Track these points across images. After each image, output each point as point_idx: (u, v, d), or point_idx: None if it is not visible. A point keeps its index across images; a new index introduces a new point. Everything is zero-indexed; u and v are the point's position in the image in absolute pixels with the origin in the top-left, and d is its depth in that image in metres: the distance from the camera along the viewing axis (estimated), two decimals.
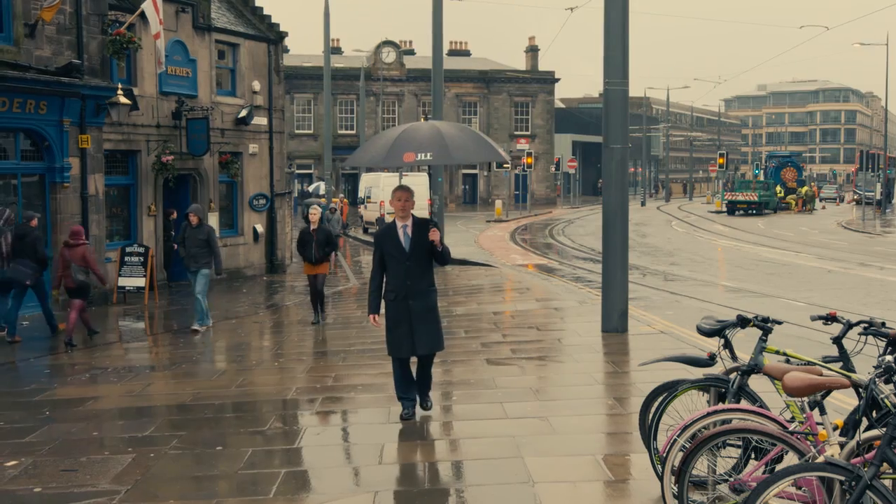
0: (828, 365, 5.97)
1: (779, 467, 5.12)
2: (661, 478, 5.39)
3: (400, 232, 8.09)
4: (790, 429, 5.12)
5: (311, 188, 35.29)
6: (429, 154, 7.85)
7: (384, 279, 8.19)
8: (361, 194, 41.66)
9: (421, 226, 8.11)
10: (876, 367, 4.67)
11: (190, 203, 21.08)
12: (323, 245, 14.63)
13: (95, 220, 16.98)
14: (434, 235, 8.00)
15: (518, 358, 11.37)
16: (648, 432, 6.21)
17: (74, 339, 12.91)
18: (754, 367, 5.83)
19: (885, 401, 4.91)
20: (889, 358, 4.76)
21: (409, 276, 8.02)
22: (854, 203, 65.04)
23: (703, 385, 6.11)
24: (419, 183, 31.09)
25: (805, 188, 62.43)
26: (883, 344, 5.80)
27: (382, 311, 8.19)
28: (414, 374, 8.40)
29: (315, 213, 14.78)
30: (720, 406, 5.62)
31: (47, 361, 12.38)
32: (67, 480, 6.87)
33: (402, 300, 8.02)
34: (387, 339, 8.24)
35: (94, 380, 10.93)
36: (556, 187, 70.80)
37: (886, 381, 4.65)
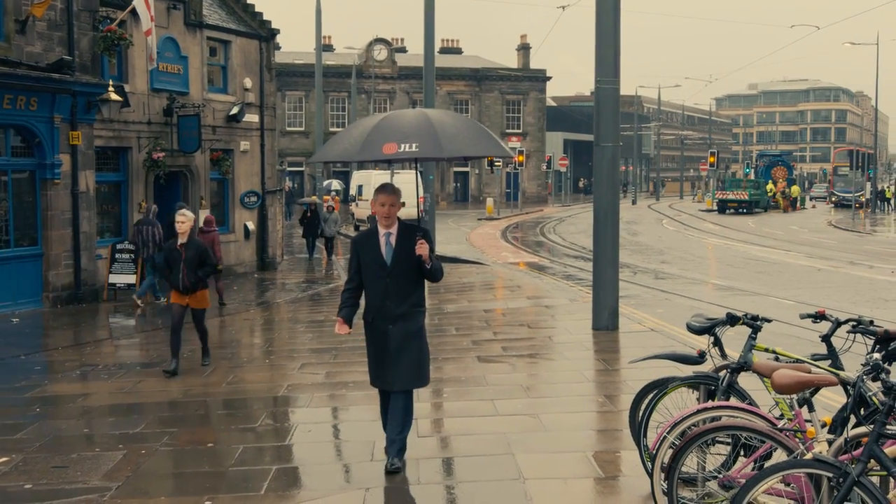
0: (816, 363, 6.03)
1: (767, 464, 5.16)
2: (650, 474, 5.43)
3: (381, 241, 6.65)
4: (779, 426, 5.16)
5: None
6: (414, 145, 6.29)
7: (362, 294, 6.79)
8: (352, 192, 41.46)
9: (408, 234, 6.63)
10: (864, 365, 4.71)
11: (180, 199, 21.08)
12: (194, 266, 10.49)
13: (86, 217, 16.96)
14: (422, 250, 6.46)
15: (509, 355, 11.40)
16: (638, 429, 6.25)
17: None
18: (744, 365, 5.86)
19: (873, 398, 4.94)
20: (877, 356, 4.80)
21: (389, 296, 6.56)
22: (832, 206, 62.94)
23: (692, 382, 6.15)
24: (409, 181, 29.54)
25: (789, 188, 62.50)
26: (871, 342, 5.86)
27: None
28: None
29: (184, 220, 10.49)
30: (710, 403, 5.66)
31: (38, 358, 12.35)
32: (58, 477, 6.87)
33: (380, 323, 6.62)
34: (368, 366, 6.97)
35: (85, 376, 10.91)
36: (548, 185, 70.90)
37: (874, 379, 4.68)
